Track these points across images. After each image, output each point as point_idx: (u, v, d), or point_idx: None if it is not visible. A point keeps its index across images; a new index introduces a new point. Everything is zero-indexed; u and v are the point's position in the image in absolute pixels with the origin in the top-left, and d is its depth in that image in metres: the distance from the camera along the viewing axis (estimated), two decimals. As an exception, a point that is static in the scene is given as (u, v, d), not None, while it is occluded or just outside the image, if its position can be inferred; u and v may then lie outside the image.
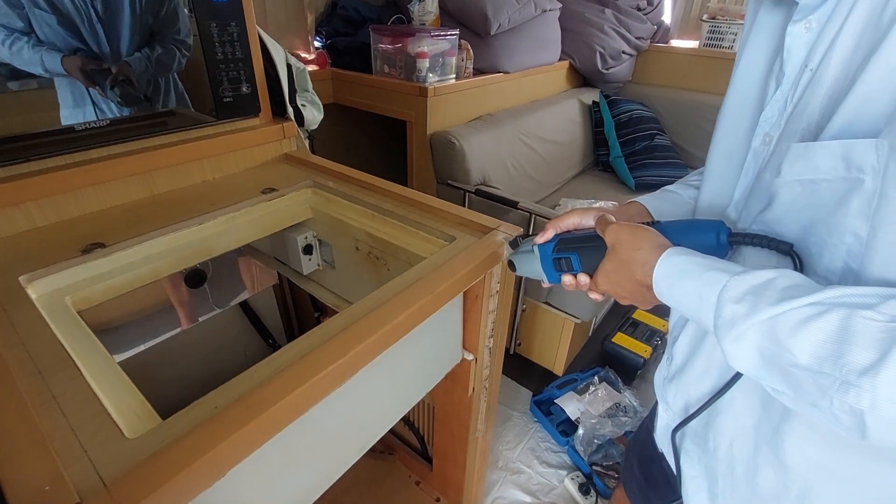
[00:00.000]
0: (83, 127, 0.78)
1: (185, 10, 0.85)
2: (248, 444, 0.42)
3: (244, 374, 0.46)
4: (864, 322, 0.31)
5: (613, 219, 0.51)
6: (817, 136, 0.39)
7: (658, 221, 0.50)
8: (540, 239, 0.57)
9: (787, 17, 0.43)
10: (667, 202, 0.61)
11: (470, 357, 0.86)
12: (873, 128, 0.35)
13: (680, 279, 0.41)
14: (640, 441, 0.85)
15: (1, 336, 0.50)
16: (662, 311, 1.27)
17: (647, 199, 0.62)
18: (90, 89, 0.79)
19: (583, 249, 0.53)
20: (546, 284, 0.59)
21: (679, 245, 0.44)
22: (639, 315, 1.79)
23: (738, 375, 0.46)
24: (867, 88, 0.35)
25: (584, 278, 0.53)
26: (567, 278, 0.55)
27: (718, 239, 0.44)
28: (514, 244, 0.69)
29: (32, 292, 0.60)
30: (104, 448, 0.38)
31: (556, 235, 0.57)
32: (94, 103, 0.81)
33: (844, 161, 0.36)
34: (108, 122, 0.81)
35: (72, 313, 0.59)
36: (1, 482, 0.35)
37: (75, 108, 0.79)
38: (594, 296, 0.54)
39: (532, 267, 0.59)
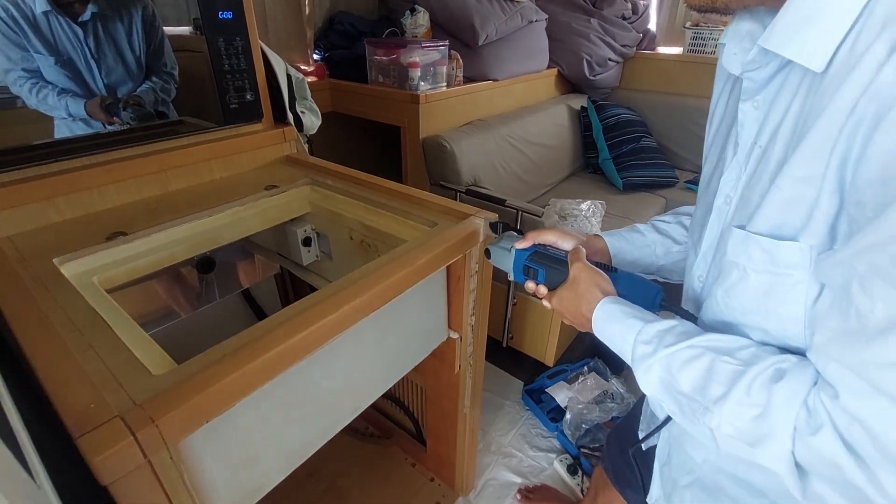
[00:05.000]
0: (106, 132, 0.88)
1: (169, 44, 0.97)
2: (252, 381, 0.50)
3: (250, 329, 0.54)
4: (722, 364, 0.42)
5: (584, 255, 0.61)
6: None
7: (615, 270, 0.61)
8: (519, 244, 0.67)
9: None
10: (627, 242, 0.70)
11: (455, 336, 0.94)
12: (797, 229, 0.39)
13: (610, 322, 0.53)
14: (623, 427, 0.93)
15: (44, 304, 0.59)
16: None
17: (609, 238, 0.71)
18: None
19: (550, 268, 0.63)
20: (510, 279, 0.70)
21: (623, 294, 0.56)
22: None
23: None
24: (790, 193, 0.39)
25: (543, 290, 0.64)
26: (530, 284, 0.66)
27: (654, 300, 0.57)
28: (494, 228, 0.78)
29: (65, 272, 0.69)
30: (135, 381, 0.47)
31: (533, 245, 0.67)
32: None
33: (771, 257, 0.41)
34: (128, 127, 0.91)
35: (99, 289, 0.68)
36: (56, 407, 0.44)
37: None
38: (545, 304, 0.64)
39: (505, 263, 0.69)
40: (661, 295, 0.57)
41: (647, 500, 0.69)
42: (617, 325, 0.51)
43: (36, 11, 0.81)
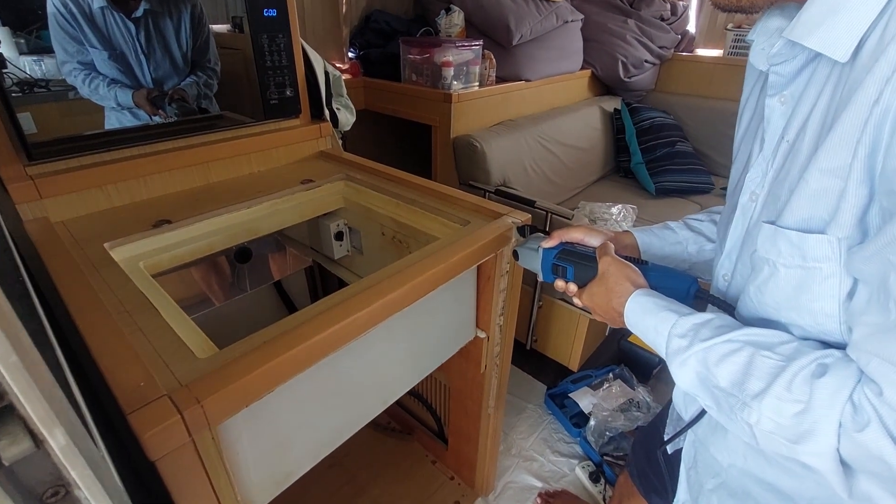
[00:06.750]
0: (153, 124, 0.92)
1: (213, 41, 1.00)
2: (290, 368, 0.51)
3: (288, 318, 0.56)
4: (762, 360, 0.41)
5: (612, 249, 0.60)
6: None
7: (646, 263, 0.59)
8: (546, 243, 0.67)
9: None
10: (658, 239, 0.69)
11: (483, 335, 0.94)
12: (825, 222, 0.39)
13: (643, 315, 0.51)
14: (649, 432, 0.91)
15: (96, 285, 0.62)
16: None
17: (639, 234, 0.69)
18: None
19: (578, 265, 0.62)
20: (540, 280, 0.68)
21: (655, 286, 0.54)
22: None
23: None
24: (817, 185, 0.39)
25: (573, 287, 0.63)
26: (560, 283, 0.65)
27: (688, 290, 0.55)
28: (522, 232, 0.77)
29: (115, 256, 0.72)
30: (181, 363, 0.49)
31: (561, 244, 0.66)
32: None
33: (800, 251, 0.41)
34: (173, 120, 0.95)
35: (145, 274, 0.71)
36: (109, 383, 0.46)
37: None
38: (576, 302, 0.63)
39: (533, 263, 0.69)
40: (696, 285, 0.55)
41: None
42: (650, 317, 0.50)
43: (93, 7, 0.85)
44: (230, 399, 0.46)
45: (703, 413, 0.56)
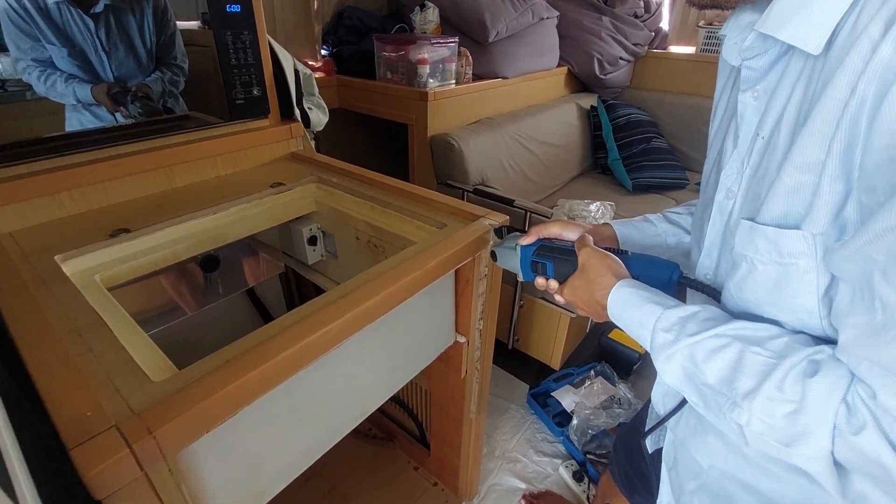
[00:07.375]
0: (111, 126, 0.87)
1: (180, 37, 0.95)
2: (256, 388, 0.48)
3: (254, 333, 0.52)
4: (752, 356, 0.40)
5: (591, 241, 0.58)
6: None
7: (626, 252, 0.57)
8: (523, 241, 0.65)
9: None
10: (637, 231, 0.68)
11: (462, 340, 0.92)
12: (801, 217, 0.38)
13: (627, 308, 0.50)
14: (629, 431, 0.91)
15: (44, 303, 0.57)
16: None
17: (618, 225, 0.68)
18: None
19: (558, 260, 0.60)
20: (520, 279, 0.67)
21: (637, 276, 0.53)
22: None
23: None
24: (791, 181, 0.38)
25: (553, 283, 0.61)
26: (540, 280, 0.63)
27: (671, 277, 0.53)
28: (500, 233, 0.76)
29: (67, 270, 0.68)
30: (133, 388, 0.45)
31: (538, 240, 0.64)
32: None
33: (776, 247, 0.40)
34: (133, 122, 0.90)
35: (101, 287, 0.67)
36: (50, 414, 0.42)
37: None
38: (558, 298, 0.62)
39: (512, 262, 0.67)
40: (678, 272, 0.54)
41: None
42: (634, 310, 0.48)
43: (48, 2, 0.80)
44: (188, 426, 0.43)
45: (680, 405, 0.56)
